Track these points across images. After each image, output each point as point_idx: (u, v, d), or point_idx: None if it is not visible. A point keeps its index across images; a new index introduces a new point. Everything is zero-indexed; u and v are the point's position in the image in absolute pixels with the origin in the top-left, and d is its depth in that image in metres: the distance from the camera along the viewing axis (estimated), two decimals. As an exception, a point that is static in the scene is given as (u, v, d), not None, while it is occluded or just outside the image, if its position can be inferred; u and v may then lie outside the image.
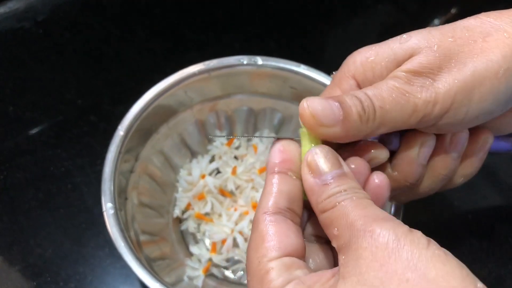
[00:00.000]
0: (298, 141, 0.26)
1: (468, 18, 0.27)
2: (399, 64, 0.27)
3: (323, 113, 0.25)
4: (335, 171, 0.24)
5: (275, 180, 0.25)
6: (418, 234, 0.21)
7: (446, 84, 0.25)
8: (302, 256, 0.24)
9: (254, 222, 0.24)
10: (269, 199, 0.24)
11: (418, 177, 0.31)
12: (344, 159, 0.27)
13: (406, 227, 0.21)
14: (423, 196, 0.34)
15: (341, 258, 0.22)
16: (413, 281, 0.19)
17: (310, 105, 0.25)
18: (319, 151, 0.24)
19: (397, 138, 0.30)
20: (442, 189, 0.34)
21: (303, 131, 0.26)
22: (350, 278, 0.20)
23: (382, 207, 0.26)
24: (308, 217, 0.28)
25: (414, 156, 0.30)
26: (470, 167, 0.33)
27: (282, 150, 0.26)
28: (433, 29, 0.27)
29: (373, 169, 0.29)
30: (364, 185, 0.27)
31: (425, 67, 0.25)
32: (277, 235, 0.23)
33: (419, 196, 0.34)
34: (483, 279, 0.51)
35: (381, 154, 0.29)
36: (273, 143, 0.26)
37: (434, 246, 0.20)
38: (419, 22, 0.72)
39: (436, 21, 0.72)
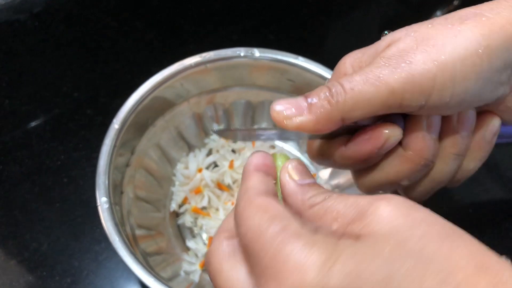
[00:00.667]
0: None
1: (452, 12, 0.27)
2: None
3: (285, 107, 0.25)
4: (309, 180, 0.24)
5: (258, 176, 0.25)
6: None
7: (423, 65, 0.24)
8: None
9: (246, 204, 0.23)
10: (257, 186, 0.24)
11: (433, 152, 0.30)
12: (358, 142, 0.28)
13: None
14: (437, 185, 0.33)
15: (352, 229, 0.21)
16: (440, 227, 0.20)
17: (274, 103, 0.26)
18: (296, 164, 0.25)
19: (400, 119, 0.29)
20: (456, 179, 0.33)
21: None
22: (376, 237, 0.19)
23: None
24: None
25: (423, 130, 0.29)
26: (480, 150, 0.32)
27: (262, 157, 0.26)
28: (416, 24, 0.27)
29: (386, 154, 0.29)
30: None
31: (402, 50, 0.25)
32: (278, 205, 0.22)
33: (433, 184, 0.33)
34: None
35: (394, 131, 0.28)
36: (249, 156, 0.26)
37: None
38: (421, 14, 0.72)
39: (438, 13, 0.71)
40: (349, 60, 0.29)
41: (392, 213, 0.20)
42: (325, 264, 0.18)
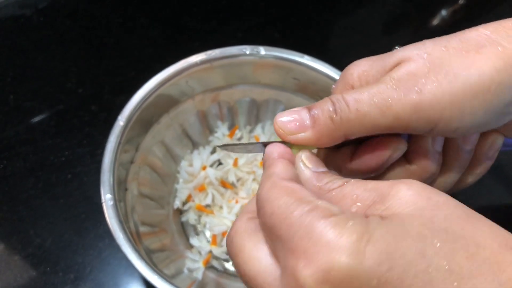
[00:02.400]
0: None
1: (466, 30, 0.26)
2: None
3: (288, 121, 0.25)
4: (324, 169, 0.25)
5: (283, 162, 0.25)
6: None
7: (433, 96, 0.24)
8: None
9: (272, 187, 0.22)
10: (283, 171, 0.24)
11: (436, 167, 0.30)
12: (363, 157, 0.28)
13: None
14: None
15: (375, 211, 0.21)
16: (460, 209, 0.20)
17: (277, 117, 0.25)
18: (309, 154, 0.25)
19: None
20: (453, 189, 0.33)
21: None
22: (401, 217, 0.20)
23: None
24: None
25: (428, 145, 0.29)
26: (480, 165, 0.32)
27: (281, 146, 0.26)
28: (427, 41, 0.26)
29: (390, 166, 0.29)
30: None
31: (412, 74, 0.24)
32: (305, 190, 0.22)
33: None
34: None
35: (399, 146, 0.28)
36: (268, 147, 0.26)
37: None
38: (426, 12, 0.71)
39: (443, 12, 0.71)
40: (357, 71, 0.28)
41: (414, 196, 0.20)
42: (358, 244, 0.18)
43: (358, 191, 0.22)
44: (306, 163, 0.25)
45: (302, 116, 0.25)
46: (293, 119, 0.25)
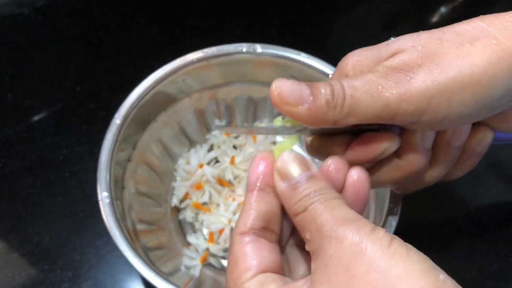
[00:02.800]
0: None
1: (463, 22, 0.26)
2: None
3: (289, 92, 0.25)
4: (303, 174, 0.24)
5: (252, 199, 0.26)
6: (380, 233, 0.21)
7: (423, 84, 0.24)
8: (278, 270, 0.25)
9: (230, 243, 0.26)
10: (244, 220, 0.25)
11: (425, 162, 0.31)
12: (357, 149, 0.28)
13: (370, 226, 0.21)
14: (427, 184, 0.34)
15: (313, 265, 0.22)
16: (376, 282, 0.20)
17: (279, 85, 0.25)
18: (286, 157, 0.25)
19: (397, 126, 0.29)
20: (439, 181, 0.34)
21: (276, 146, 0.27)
22: (321, 286, 0.21)
23: (365, 203, 0.26)
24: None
25: (417, 140, 0.29)
26: (468, 161, 0.33)
27: (260, 164, 0.26)
28: (423, 32, 0.26)
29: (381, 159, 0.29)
30: (343, 182, 0.27)
31: (405, 64, 0.25)
32: (250, 255, 0.24)
33: (423, 184, 0.34)
34: (484, 271, 0.51)
35: (391, 143, 0.28)
36: (253, 157, 0.27)
37: (396, 243, 0.21)
38: (425, 10, 0.71)
39: (442, 9, 0.71)
40: (351, 61, 0.29)
41: (331, 265, 0.21)
42: None
43: (312, 227, 0.23)
44: (291, 167, 0.25)
45: (302, 90, 0.25)
46: (292, 90, 0.25)
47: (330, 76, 0.30)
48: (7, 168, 0.53)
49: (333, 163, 0.26)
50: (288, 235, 0.28)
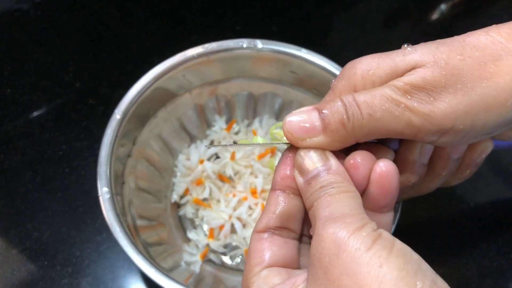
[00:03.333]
0: None
1: (478, 33, 0.25)
2: (399, 77, 0.25)
3: (298, 127, 0.25)
4: (318, 167, 0.24)
5: (273, 198, 0.26)
6: (365, 231, 0.20)
7: (449, 106, 0.24)
8: (288, 264, 0.25)
9: (251, 236, 0.26)
10: (262, 219, 0.26)
11: (419, 177, 0.31)
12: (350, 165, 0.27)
13: (357, 224, 0.21)
14: (422, 194, 0.34)
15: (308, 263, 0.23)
16: None
17: (288, 122, 0.25)
18: (303, 153, 0.25)
19: (396, 140, 0.29)
20: (437, 188, 0.34)
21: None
22: (309, 286, 0.21)
23: (394, 196, 0.25)
24: None
25: (415, 157, 0.29)
26: (466, 171, 0.33)
27: (287, 164, 0.26)
28: (441, 44, 0.25)
29: None
30: (369, 175, 0.26)
31: (428, 83, 0.24)
32: (260, 252, 0.25)
33: (418, 193, 0.34)
34: (484, 268, 0.51)
35: (386, 156, 0.28)
36: (283, 153, 0.27)
37: (379, 245, 0.20)
38: (425, 6, 0.71)
39: (442, 6, 0.70)
40: (361, 71, 0.27)
41: (315, 259, 0.21)
42: None
43: (314, 220, 0.23)
44: (306, 163, 0.25)
45: (312, 118, 0.25)
46: (302, 121, 0.25)
47: (334, 82, 0.28)
48: (6, 164, 0.53)
49: (358, 156, 0.25)
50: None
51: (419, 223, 0.52)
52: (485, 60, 0.24)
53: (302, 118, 0.25)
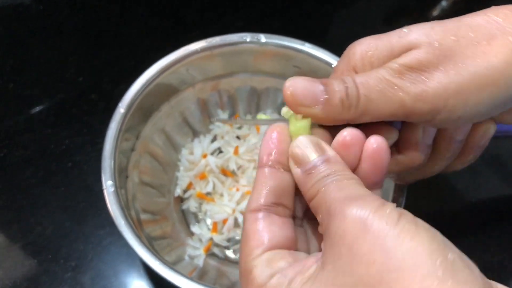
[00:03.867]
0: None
1: (476, 14, 0.25)
2: (396, 58, 0.26)
3: (302, 93, 0.25)
4: (317, 158, 0.24)
5: (262, 175, 0.25)
6: (388, 209, 0.20)
7: (440, 85, 0.24)
8: (289, 246, 0.24)
9: (243, 220, 0.25)
10: (255, 197, 0.25)
11: (424, 157, 0.31)
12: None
13: (378, 202, 0.20)
14: (427, 176, 0.34)
15: (322, 246, 0.22)
16: (380, 262, 0.19)
17: (292, 85, 0.25)
18: (299, 143, 0.25)
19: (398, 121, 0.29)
20: (441, 172, 0.34)
21: (289, 116, 0.26)
22: (327, 267, 0.20)
23: (384, 172, 0.25)
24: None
25: (419, 137, 0.29)
26: (470, 154, 0.33)
27: (273, 139, 0.26)
28: (436, 25, 0.25)
29: None
30: (360, 153, 0.26)
31: (421, 63, 0.24)
32: (260, 232, 0.24)
33: (424, 176, 0.34)
34: (485, 263, 0.51)
35: (390, 136, 0.28)
36: (267, 129, 0.26)
37: (404, 220, 0.20)
38: (426, 3, 0.71)
39: (443, 3, 0.71)
40: (360, 52, 0.27)
41: (336, 240, 0.20)
42: None
43: (322, 208, 0.22)
44: (304, 153, 0.24)
45: (316, 90, 0.25)
46: (307, 87, 0.25)
47: (334, 65, 0.29)
48: (8, 159, 0.53)
49: (348, 134, 0.25)
50: (305, 207, 0.27)
51: (420, 217, 0.52)
52: (479, 39, 0.24)
53: (307, 84, 0.25)
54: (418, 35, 0.25)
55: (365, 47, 0.27)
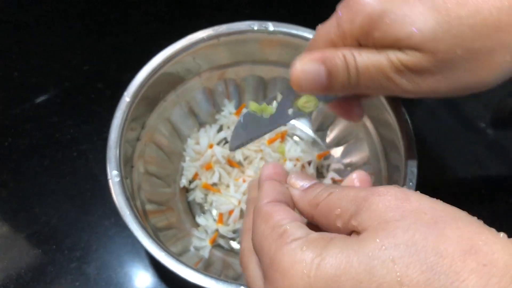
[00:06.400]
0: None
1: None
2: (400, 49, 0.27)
3: (306, 75, 0.29)
4: (309, 183, 0.27)
5: (269, 183, 0.27)
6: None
7: (432, 86, 0.27)
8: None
9: (256, 212, 0.25)
10: (267, 194, 0.26)
11: None
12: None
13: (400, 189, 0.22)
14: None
15: (352, 225, 0.22)
16: (430, 215, 0.20)
17: (297, 68, 0.30)
18: (294, 176, 0.28)
19: None
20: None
21: None
22: (369, 231, 0.20)
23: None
24: None
25: None
26: None
27: (272, 167, 0.29)
28: (447, 31, 0.25)
29: None
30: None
31: (422, 68, 0.27)
32: (283, 210, 0.24)
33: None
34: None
35: (360, 112, 0.35)
36: (263, 166, 0.30)
37: (426, 197, 0.22)
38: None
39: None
40: (368, 21, 0.28)
41: (383, 208, 0.21)
42: (313, 261, 0.20)
43: (341, 203, 0.23)
44: (295, 182, 0.27)
45: (320, 73, 0.29)
46: (311, 75, 0.29)
47: (339, 12, 0.30)
48: (14, 147, 0.53)
49: (357, 176, 0.28)
50: None
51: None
52: (479, 56, 0.26)
53: (311, 71, 0.29)
54: (427, 40, 0.26)
55: (376, 16, 0.27)
